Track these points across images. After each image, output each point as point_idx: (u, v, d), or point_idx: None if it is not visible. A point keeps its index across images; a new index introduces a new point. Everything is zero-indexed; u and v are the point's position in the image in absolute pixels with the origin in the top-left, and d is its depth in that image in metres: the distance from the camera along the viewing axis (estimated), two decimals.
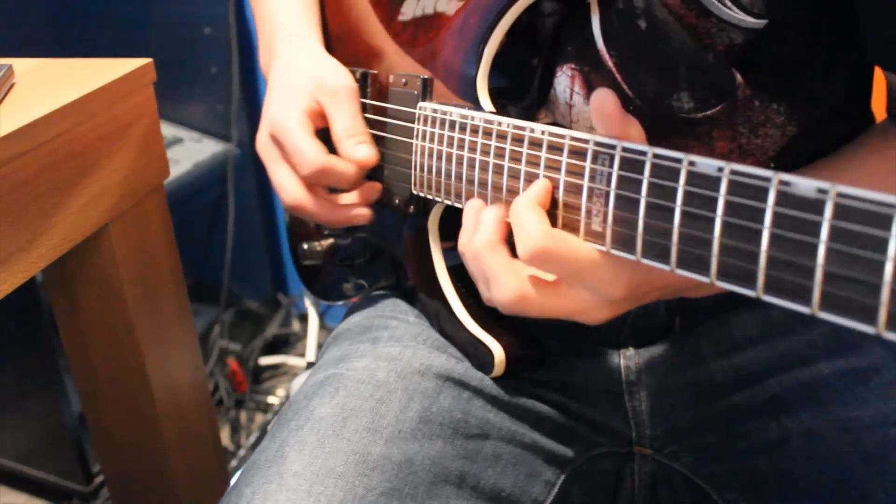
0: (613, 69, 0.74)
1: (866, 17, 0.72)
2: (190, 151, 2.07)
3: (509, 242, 0.65)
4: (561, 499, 0.81)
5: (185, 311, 1.11)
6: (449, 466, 0.75)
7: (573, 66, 0.76)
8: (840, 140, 0.79)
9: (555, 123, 0.77)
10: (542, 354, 0.82)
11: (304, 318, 2.36)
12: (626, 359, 0.83)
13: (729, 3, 0.69)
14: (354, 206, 0.85)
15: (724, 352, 0.82)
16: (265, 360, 2.19)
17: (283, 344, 2.28)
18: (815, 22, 0.73)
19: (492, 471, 0.78)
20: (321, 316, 2.14)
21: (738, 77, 0.72)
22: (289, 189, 0.84)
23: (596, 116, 0.59)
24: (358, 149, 0.82)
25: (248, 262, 2.24)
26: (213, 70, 2.11)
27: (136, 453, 1.09)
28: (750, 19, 0.69)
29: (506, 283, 0.64)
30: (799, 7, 0.70)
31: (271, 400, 2.11)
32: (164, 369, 1.06)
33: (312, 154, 0.81)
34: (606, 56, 0.74)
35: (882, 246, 0.42)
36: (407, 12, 0.86)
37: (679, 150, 0.71)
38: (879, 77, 0.82)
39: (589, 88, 0.76)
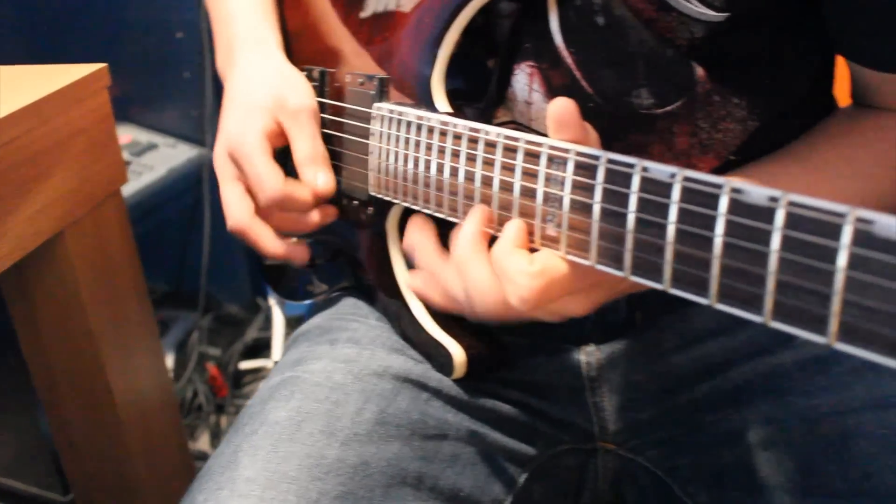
0: (572, 66, 0.74)
1: (830, 8, 0.71)
2: (164, 157, 2.06)
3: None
4: (523, 497, 0.81)
5: (147, 316, 1.10)
6: (406, 468, 0.74)
7: (532, 63, 0.75)
8: (803, 132, 0.79)
9: (513, 122, 0.77)
10: (504, 355, 0.81)
11: (288, 324, 2.35)
12: (588, 355, 0.83)
13: None
14: (296, 245, 0.84)
15: (685, 345, 0.82)
16: (245, 365, 2.17)
17: (263, 348, 2.26)
18: (777, 14, 0.72)
19: (451, 471, 0.77)
20: (299, 319, 2.13)
21: (698, 72, 0.72)
22: (235, 212, 0.82)
23: (553, 124, 0.58)
24: (319, 177, 0.80)
25: (227, 266, 2.23)
26: (187, 75, 2.10)
27: (99, 459, 1.08)
28: (711, 12, 0.69)
29: (487, 291, 0.61)
30: (761, 0, 0.70)
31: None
32: (127, 375, 1.05)
33: (271, 181, 0.78)
34: (565, 53, 0.73)
35: (831, 256, 0.41)
36: (367, 9, 0.85)
37: (640, 146, 0.71)
38: (842, 65, 0.82)
39: (548, 86, 0.75)
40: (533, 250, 0.60)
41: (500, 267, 0.59)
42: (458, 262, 0.63)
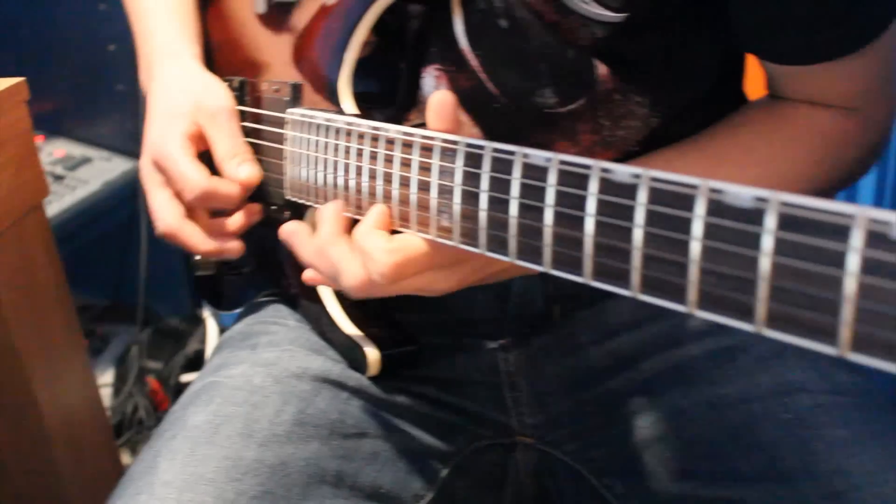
0: (478, 68, 0.75)
1: (736, 8, 0.73)
2: (99, 170, 2.04)
3: None
4: (444, 492, 0.82)
5: (74, 330, 1.10)
6: (325, 467, 0.76)
7: (439, 66, 0.77)
8: (715, 119, 0.81)
9: (424, 124, 0.78)
10: (418, 352, 0.83)
11: (221, 332, 2.34)
12: (505, 351, 0.84)
13: None
14: (226, 238, 0.85)
15: (600, 338, 0.84)
16: (187, 378, 2.16)
17: (204, 360, 2.25)
18: (677, 14, 0.75)
19: (370, 468, 0.78)
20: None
21: (599, 71, 0.74)
22: (164, 216, 0.83)
23: (430, 113, 0.61)
24: (240, 169, 0.82)
25: (166, 279, 2.21)
26: (120, 88, 2.08)
27: (28, 476, 1.07)
28: (609, 13, 0.71)
29: (349, 269, 0.65)
30: (657, 1, 0.72)
31: None
32: (54, 390, 1.04)
33: (196, 178, 0.80)
34: (470, 56, 0.75)
35: (686, 226, 0.43)
36: (276, 24, 0.86)
37: (545, 144, 0.73)
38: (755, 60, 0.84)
39: (455, 88, 0.77)
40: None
41: (360, 246, 0.64)
42: (321, 245, 0.67)
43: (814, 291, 0.38)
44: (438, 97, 0.61)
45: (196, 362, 2.21)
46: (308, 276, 0.72)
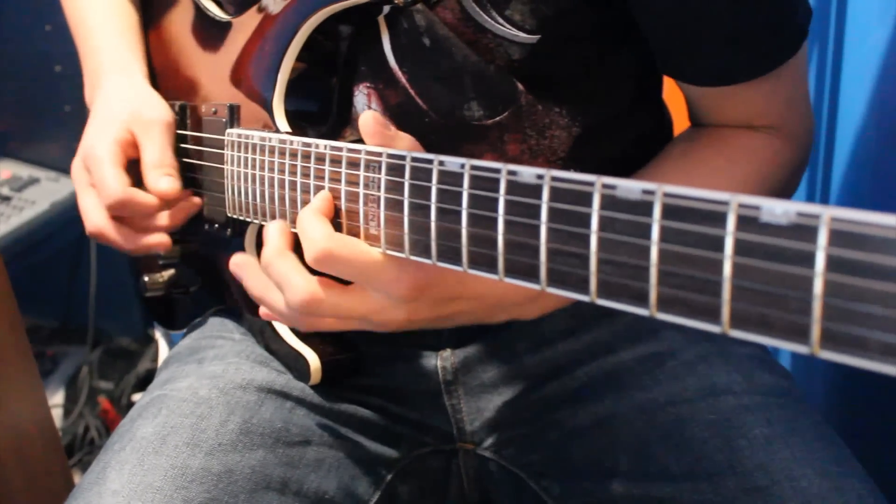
0: (406, 85, 0.79)
1: (645, 27, 0.77)
2: (47, 191, 2.05)
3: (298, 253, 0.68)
4: (388, 498, 0.85)
5: (24, 351, 1.10)
6: (270, 474, 0.78)
7: (368, 84, 0.80)
8: (631, 136, 0.85)
9: (359, 140, 0.81)
10: (358, 358, 0.86)
11: None
12: (443, 360, 0.87)
13: (501, 21, 0.74)
14: (152, 234, 0.87)
15: (535, 347, 0.86)
16: (138, 397, 2.16)
17: None
18: (592, 34, 0.78)
19: (315, 475, 0.80)
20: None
21: (520, 86, 0.77)
22: (91, 216, 0.86)
23: (366, 138, 0.64)
24: (161, 181, 0.85)
25: (116, 299, 2.21)
26: (67, 108, 2.09)
27: None
28: (523, 35, 0.74)
29: (296, 284, 0.65)
30: (570, 23, 0.76)
31: None
32: (4, 412, 1.05)
33: (113, 185, 0.83)
34: (399, 73, 0.79)
35: (586, 221, 0.47)
36: (213, 48, 0.89)
37: (474, 155, 0.76)
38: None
39: (385, 104, 0.80)
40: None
41: (301, 226, 0.65)
42: (267, 261, 0.68)
43: (698, 274, 0.41)
44: (364, 118, 0.64)
45: (147, 381, 2.19)
46: (263, 311, 0.73)
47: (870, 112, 1.10)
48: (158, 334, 1.29)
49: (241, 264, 0.74)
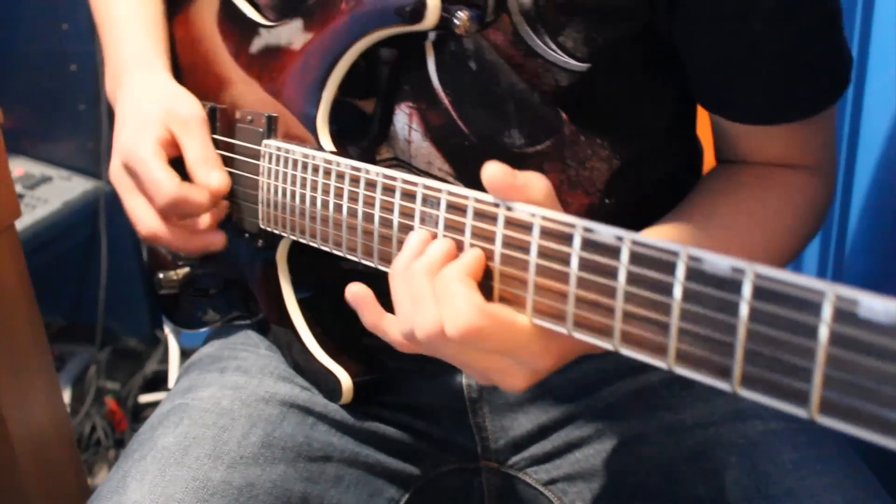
0: (449, 107, 0.78)
1: (690, 64, 0.77)
2: (59, 190, 2.04)
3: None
4: None
5: (43, 351, 1.10)
6: (291, 489, 0.78)
7: (410, 104, 0.80)
8: (666, 169, 0.85)
9: (395, 158, 0.81)
10: (388, 381, 0.86)
11: (184, 354, 2.33)
12: (468, 378, 0.87)
13: (553, 47, 0.74)
14: (209, 232, 0.86)
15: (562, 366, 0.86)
16: (145, 398, 2.15)
17: (163, 381, 2.24)
18: (637, 67, 0.79)
19: (335, 491, 0.80)
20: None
21: (563, 115, 0.77)
22: (144, 220, 0.84)
23: (493, 193, 0.59)
24: (212, 176, 0.83)
25: (125, 299, 2.21)
26: (82, 107, 2.08)
27: None
28: (573, 62, 0.75)
29: (460, 307, 0.58)
30: (620, 54, 0.76)
31: None
32: (22, 411, 1.05)
33: (167, 185, 0.81)
34: (442, 95, 0.78)
35: (669, 289, 0.48)
36: (255, 45, 0.88)
37: None
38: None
39: (426, 125, 0.80)
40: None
41: (445, 288, 0.59)
42: (411, 273, 0.62)
43: (788, 358, 0.43)
44: (491, 172, 0.58)
45: (154, 383, 2.21)
46: (372, 322, 0.68)
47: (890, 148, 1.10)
48: (168, 330, 1.28)
49: (361, 297, 0.68)
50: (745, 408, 0.78)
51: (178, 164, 0.85)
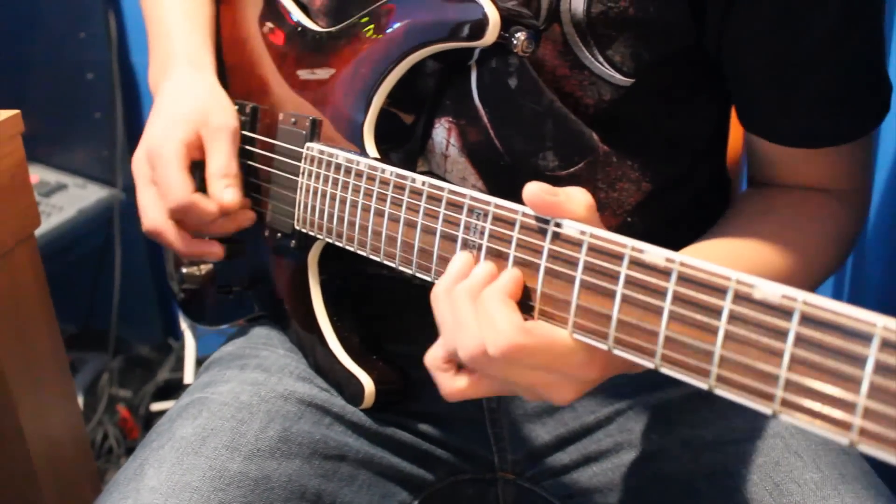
0: (487, 124, 0.79)
1: (741, 89, 0.78)
2: (74, 197, 2.05)
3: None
4: None
5: (60, 359, 1.11)
6: (305, 484, 0.79)
7: (450, 119, 0.80)
8: (694, 192, 0.85)
9: (429, 172, 0.82)
10: (410, 389, 0.86)
11: (197, 362, 2.33)
12: None
13: (602, 60, 0.75)
14: (208, 242, 0.87)
15: None
16: (157, 406, 2.16)
17: (175, 388, 2.25)
18: (678, 87, 0.79)
19: (348, 490, 0.81)
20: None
21: (597, 134, 0.77)
22: (150, 214, 0.86)
23: (535, 210, 0.60)
24: (226, 192, 0.84)
25: (138, 307, 2.22)
26: (97, 115, 2.09)
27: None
28: (619, 77, 0.75)
29: (470, 333, 0.60)
30: (665, 72, 0.77)
31: None
32: (41, 422, 1.05)
33: (179, 188, 0.82)
34: (482, 111, 0.79)
35: (718, 312, 0.49)
36: (297, 58, 0.89)
37: None
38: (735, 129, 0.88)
39: (464, 141, 0.80)
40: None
41: (485, 309, 0.60)
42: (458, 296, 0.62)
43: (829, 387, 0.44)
44: (531, 192, 0.59)
45: (167, 391, 2.21)
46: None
47: None
48: (185, 326, 1.28)
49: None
50: (766, 426, 0.78)
51: (201, 167, 0.87)
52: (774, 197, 0.81)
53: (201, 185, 0.86)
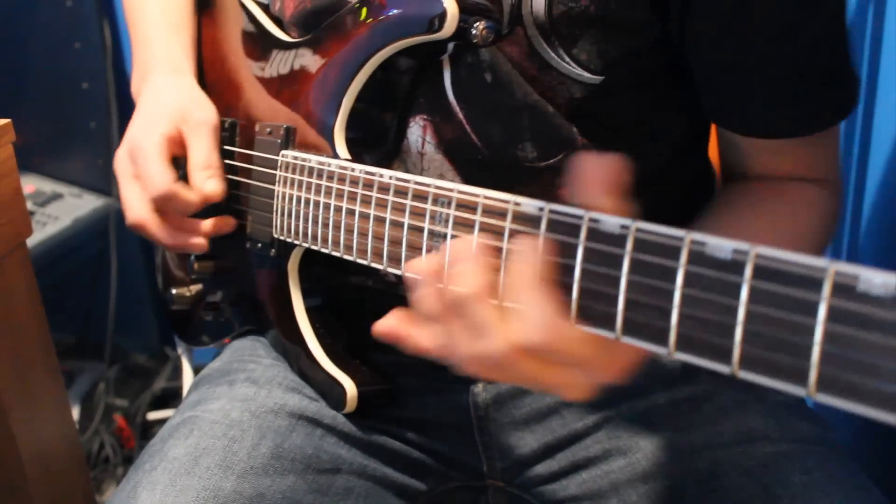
0: (463, 120, 0.79)
1: (699, 74, 0.78)
2: (70, 207, 2.05)
3: None
4: None
5: (53, 369, 1.11)
6: (300, 500, 0.78)
7: (425, 116, 0.81)
8: (678, 185, 0.85)
9: (406, 171, 0.82)
10: (393, 390, 0.86)
11: (198, 371, 2.33)
12: (475, 395, 0.87)
13: (568, 59, 0.75)
14: (192, 234, 0.89)
15: None
16: (153, 415, 2.16)
17: (171, 398, 2.25)
18: (650, 81, 0.79)
19: (343, 503, 0.80)
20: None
21: (576, 129, 0.78)
22: (134, 207, 0.88)
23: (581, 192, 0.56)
24: (207, 182, 0.86)
25: (134, 316, 2.22)
26: (93, 125, 2.10)
27: None
28: (587, 75, 0.75)
29: (535, 317, 0.55)
30: (633, 67, 0.77)
31: None
32: (32, 429, 1.05)
33: (160, 178, 0.84)
34: (456, 107, 0.79)
35: (672, 276, 0.47)
36: (271, 69, 0.90)
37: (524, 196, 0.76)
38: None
39: (440, 137, 0.80)
40: None
41: (520, 297, 0.55)
42: (463, 301, 0.58)
43: (788, 337, 0.42)
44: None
45: (163, 400, 2.21)
46: (426, 342, 0.63)
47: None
48: (180, 350, 1.29)
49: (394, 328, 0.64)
50: (754, 429, 0.78)
51: (184, 164, 0.89)
52: (750, 188, 0.82)
53: (184, 180, 0.88)
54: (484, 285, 0.57)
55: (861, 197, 1.21)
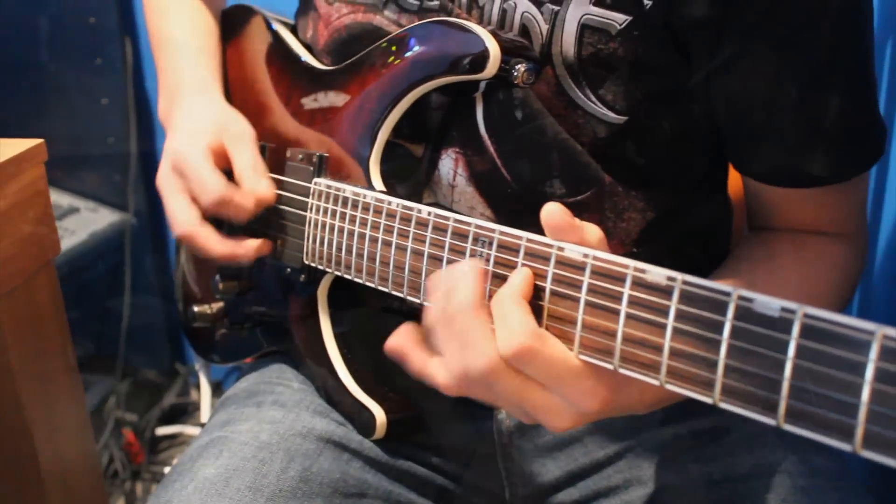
0: (494, 154, 0.81)
1: (729, 129, 0.79)
2: (86, 221, 2.06)
3: None
4: None
5: (76, 385, 1.12)
6: None
7: (457, 150, 0.82)
8: (698, 224, 0.86)
9: (436, 203, 0.83)
10: (422, 420, 0.87)
11: (216, 387, 2.34)
12: (499, 422, 0.88)
13: (594, 99, 0.76)
14: (240, 241, 0.88)
15: None
16: (162, 430, 2.16)
17: (181, 413, 2.25)
18: (672, 123, 0.80)
19: None
20: (220, 383, 2.14)
21: (601, 165, 0.79)
22: (182, 219, 0.87)
23: (552, 233, 0.61)
24: (260, 183, 0.86)
25: (146, 331, 2.23)
26: (111, 141, 2.11)
27: None
28: (612, 115, 0.77)
29: (514, 327, 0.59)
30: (657, 109, 0.78)
31: (168, 471, 2.07)
32: (53, 445, 1.06)
33: (215, 183, 0.84)
34: (488, 142, 0.80)
35: (719, 327, 0.50)
36: (304, 97, 0.91)
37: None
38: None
39: (471, 171, 0.82)
40: None
41: (501, 310, 0.60)
42: (455, 311, 0.61)
43: (833, 394, 0.44)
44: (549, 211, 0.60)
45: (172, 415, 2.22)
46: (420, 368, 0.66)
47: None
48: (198, 365, 1.30)
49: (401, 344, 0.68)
50: (774, 463, 0.79)
51: (227, 174, 0.88)
52: (772, 241, 0.82)
53: None
54: (476, 299, 0.61)
55: (875, 241, 1.22)
